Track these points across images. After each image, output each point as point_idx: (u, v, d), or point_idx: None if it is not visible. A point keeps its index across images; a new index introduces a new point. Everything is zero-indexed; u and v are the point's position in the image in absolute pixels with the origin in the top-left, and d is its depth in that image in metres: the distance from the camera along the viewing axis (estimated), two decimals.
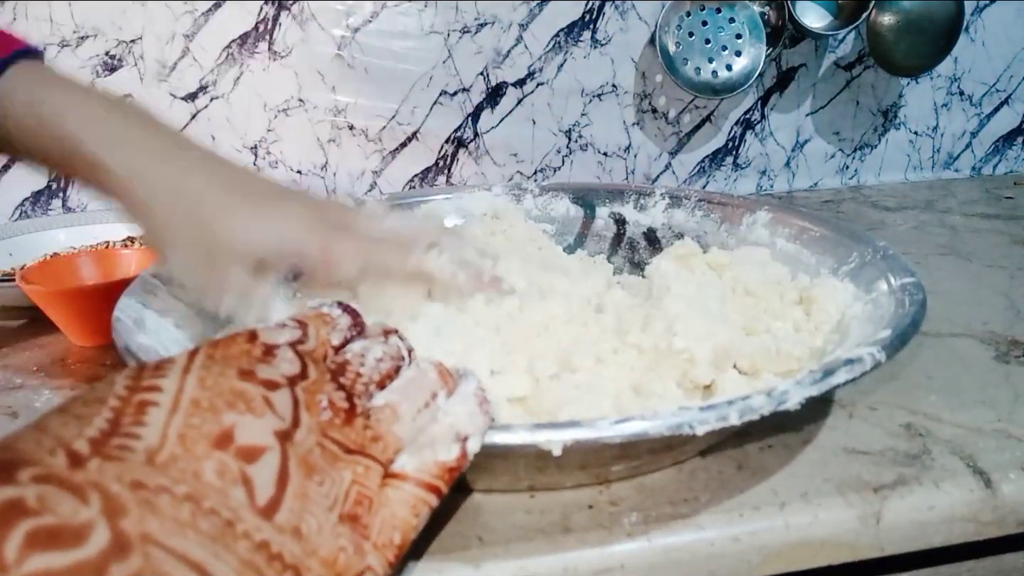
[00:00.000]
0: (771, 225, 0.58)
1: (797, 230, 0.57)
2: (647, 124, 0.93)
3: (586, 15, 0.87)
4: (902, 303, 0.43)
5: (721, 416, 0.32)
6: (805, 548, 0.37)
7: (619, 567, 0.35)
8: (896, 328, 0.39)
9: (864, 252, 0.51)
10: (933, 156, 1.02)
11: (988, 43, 0.97)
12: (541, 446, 0.32)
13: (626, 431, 0.32)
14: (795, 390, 0.34)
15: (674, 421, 0.32)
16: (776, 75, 0.94)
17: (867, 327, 0.43)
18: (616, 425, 0.32)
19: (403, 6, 0.84)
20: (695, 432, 0.32)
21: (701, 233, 0.61)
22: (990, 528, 0.39)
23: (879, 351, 0.37)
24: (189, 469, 0.25)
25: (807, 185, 0.99)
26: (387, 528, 0.29)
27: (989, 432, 0.43)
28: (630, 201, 0.65)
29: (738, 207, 0.61)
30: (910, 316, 0.41)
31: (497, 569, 0.35)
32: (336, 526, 0.27)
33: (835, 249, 0.53)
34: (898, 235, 0.80)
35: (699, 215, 0.62)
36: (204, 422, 0.26)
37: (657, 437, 0.32)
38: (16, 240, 0.72)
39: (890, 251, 0.50)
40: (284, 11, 0.82)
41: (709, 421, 0.32)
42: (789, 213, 0.58)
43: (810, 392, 0.34)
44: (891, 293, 0.45)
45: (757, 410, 0.33)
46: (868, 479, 0.39)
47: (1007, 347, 0.54)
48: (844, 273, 0.51)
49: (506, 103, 0.89)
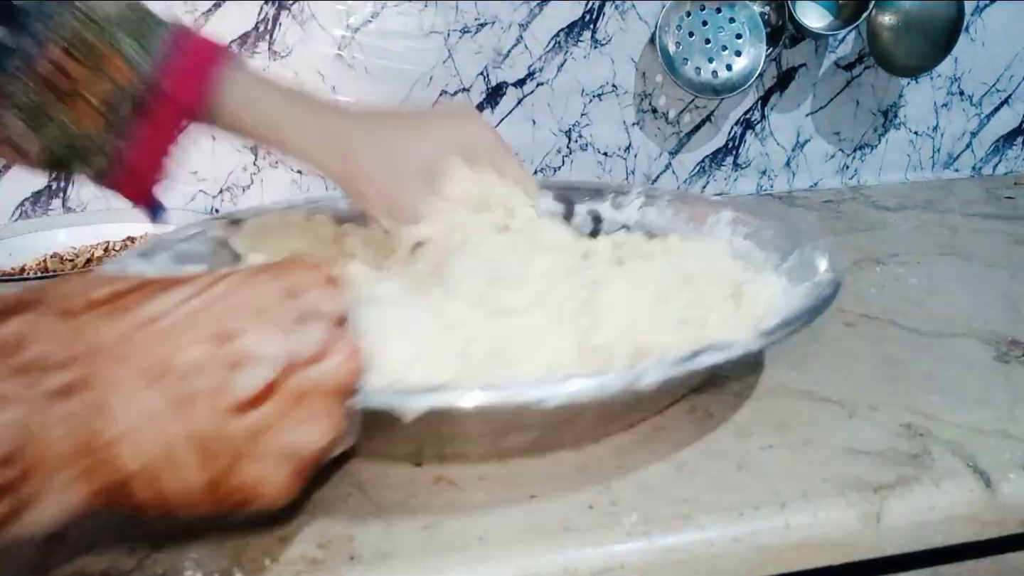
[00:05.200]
0: (732, 224, 0.61)
1: (753, 228, 0.60)
2: (647, 124, 0.93)
3: (586, 15, 0.87)
4: (812, 296, 0.46)
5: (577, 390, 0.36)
6: (805, 548, 0.37)
7: (619, 567, 0.35)
8: (767, 327, 0.42)
9: (804, 249, 0.54)
10: (933, 156, 1.02)
11: (988, 43, 0.97)
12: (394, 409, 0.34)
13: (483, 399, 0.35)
14: (653, 370, 0.37)
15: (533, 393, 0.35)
16: (776, 75, 0.94)
17: (776, 320, 0.45)
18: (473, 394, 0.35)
19: (403, 6, 0.84)
20: (542, 407, 0.35)
21: (670, 230, 0.64)
22: (990, 528, 0.39)
23: (755, 340, 0.40)
24: (177, 343, 0.29)
25: (807, 185, 0.99)
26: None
27: (989, 432, 0.43)
28: (608, 199, 0.68)
29: (705, 206, 0.64)
30: (802, 308, 0.45)
31: (497, 569, 0.35)
32: (282, 462, 0.31)
33: (781, 246, 0.56)
34: (898, 235, 0.80)
35: (670, 213, 0.65)
36: (217, 316, 0.30)
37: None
38: (16, 240, 0.72)
39: (827, 248, 0.53)
40: (284, 11, 0.82)
41: (559, 397, 0.35)
42: (750, 213, 0.62)
43: (668, 373, 0.37)
44: (813, 287, 0.48)
45: (611, 386, 0.36)
46: (868, 479, 0.39)
47: (1007, 347, 0.54)
48: (783, 270, 0.54)
49: (506, 103, 0.89)
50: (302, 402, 0.31)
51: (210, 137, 0.83)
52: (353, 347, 0.33)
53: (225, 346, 0.30)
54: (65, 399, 0.26)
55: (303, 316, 0.32)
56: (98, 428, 0.27)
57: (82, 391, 0.27)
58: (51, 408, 0.26)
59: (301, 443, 0.31)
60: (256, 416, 0.30)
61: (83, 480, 0.27)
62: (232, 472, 0.30)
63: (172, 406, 0.28)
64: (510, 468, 0.41)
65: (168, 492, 0.29)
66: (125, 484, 0.28)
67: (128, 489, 0.28)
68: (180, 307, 0.30)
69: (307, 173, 0.87)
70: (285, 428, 0.31)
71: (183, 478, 0.29)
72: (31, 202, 0.83)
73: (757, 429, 0.44)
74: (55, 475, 0.26)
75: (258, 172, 0.86)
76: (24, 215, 0.82)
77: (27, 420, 0.25)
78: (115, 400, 0.27)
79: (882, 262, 0.71)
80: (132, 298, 0.30)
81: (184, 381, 0.29)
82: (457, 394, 0.36)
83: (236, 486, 0.30)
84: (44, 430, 0.26)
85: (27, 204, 0.82)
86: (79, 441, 0.27)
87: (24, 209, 0.82)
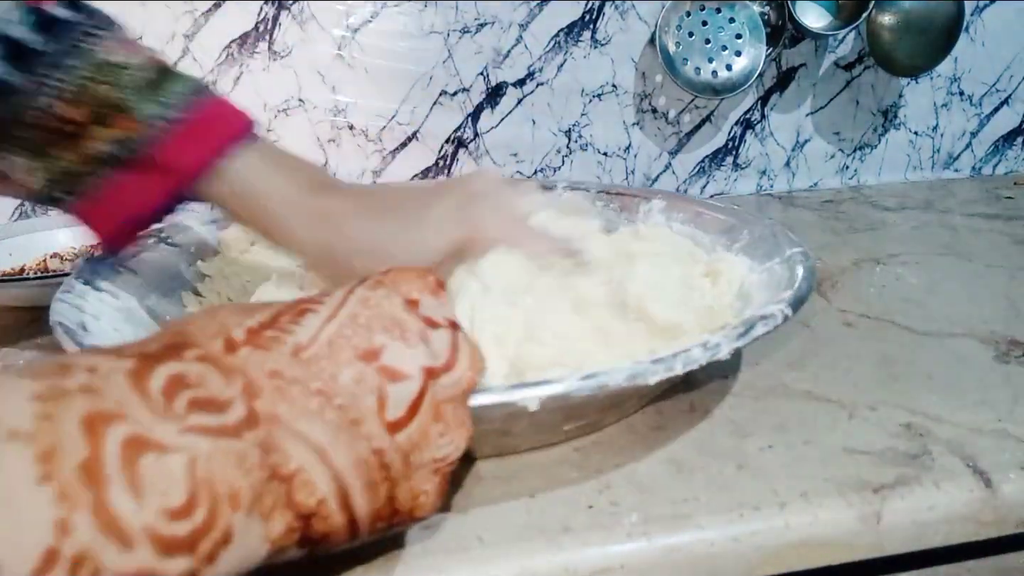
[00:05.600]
0: (666, 211, 0.64)
1: (692, 214, 0.62)
2: (647, 124, 0.93)
3: (586, 15, 0.87)
4: (793, 269, 0.49)
5: (669, 367, 0.37)
6: (805, 548, 0.37)
7: (619, 567, 0.35)
8: (796, 289, 0.46)
9: (753, 229, 0.57)
10: (933, 156, 1.02)
11: (988, 43, 0.97)
12: (518, 404, 0.35)
13: (591, 384, 0.36)
14: (725, 342, 0.39)
15: (630, 372, 0.37)
16: (776, 75, 0.94)
17: (765, 292, 0.49)
18: (584, 380, 0.36)
19: (403, 6, 0.84)
20: (648, 383, 0.37)
21: (604, 221, 0.65)
22: (990, 528, 0.39)
23: (786, 307, 0.43)
24: (328, 370, 0.29)
25: (807, 185, 0.99)
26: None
27: (989, 432, 0.43)
28: None
29: (634, 196, 0.67)
30: (804, 278, 0.47)
31: (497, 569, 0.35)
32: (432, 473, 0.31)
33: (727, 228, 0.59)
34: (898, 235, 0.80)
35: (599, 205, 0.67)
36: (355, 335, 0.30)
37: (616, 389, 0.36)
38: (16, 240, 0.72)
39: (777, 227, 0.56)
40: (284, 11, 0.82)
41: (659, 371, 0.37)
42: (681, 200, 0.65)
43: (737, 344, 0.40)
44: (783, 262, 0.51)
45: (697, 360, 0.38)
46: (868, 479, 0.39)
47: (1007, 347, 0.54)
48: (737, 249, 0.56)
49: (506, 103, 0.89)
50: (441, 412, 0.31)
51: None
52: (473, 352, 0.33)
53: (372, 364, 0.30)
54: (234, 438, 0.26)
55: (427, 326, 0.32)
56: (274, 464, 0.27)
57: (250, 429, 0.26)
58: (219, 449, 0.25)
59: (444, 453, 0.31)
60: (409, 431, 0.30)
61: (272, 518, 0.27)
62: (394, 492, 0.30)
63: (338, 433, 0.28)
64: (510, 468, 0.41)
65: (339, 524, 0.29)
66: (307, 519, 0.28)
67: (309, 524, 0.28)
68: (320, 334, 0.30)
69: None
70: (431, 440, 0.31)
71: (355, 505, 0.29)
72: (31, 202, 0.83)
73: (757, 429, 0.44)
74: (239, 515, 0.25)
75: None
76: (24, 215, 0.83)
77: (195, 464, 0.24)
78: (282, 437, 0.27)
79: (882, 262, 0.71)
80: (274, 330, 0.29)
81: (347, 405, 0.29)
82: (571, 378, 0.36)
83: (396, 506, 0.30)
84: (218, 472, 0.25)
85: (27, 204, 0.82)
86: (258, 480, 0.26)
87: (24, 209, 0.83)
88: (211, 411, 0.26)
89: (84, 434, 0.23)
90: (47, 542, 0.21)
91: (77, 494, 0.21)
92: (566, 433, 0.43)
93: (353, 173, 0.88)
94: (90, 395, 0.24)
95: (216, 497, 0.25)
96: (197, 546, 0.24)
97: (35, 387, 0.23)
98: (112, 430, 0.23)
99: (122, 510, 0.22)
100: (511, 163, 0.91)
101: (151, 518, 0.23)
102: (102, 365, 0.25)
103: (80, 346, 0.41)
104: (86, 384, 0.24)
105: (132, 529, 0.22)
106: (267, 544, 0.27)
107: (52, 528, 0.21)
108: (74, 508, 0.21)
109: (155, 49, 0.46)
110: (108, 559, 0.22)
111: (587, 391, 0.36)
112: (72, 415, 0.23)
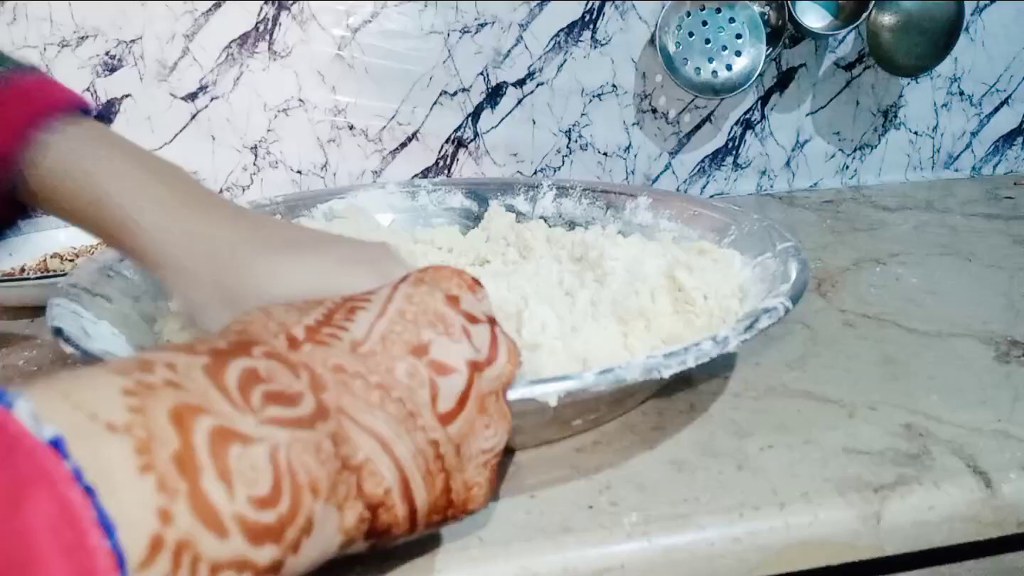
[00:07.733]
0: (653, 208, 0.64)
1: (678, 210, 0.63)
2: (647, 124, 0.93)
3: (586, 15, 0.87)
4: (786, 263, 0.49)
5: (681, 361, 0.38)
6: (805, 548, 0.37)
7: (619, 567, 0.35)
8: (793, 283, 0.46)
9: (741, 225, 0.57)
10: (933, 156, 1.02)
11: (988, 43, 0.97)
12: (538, 399, 0.35)
13: (608, 379, 0.36)
14: (733, 336, 0.40)
15: (645, 366, 0.37)
16: (776, 75, 0.94)
17: (761, 286, 0.49)
18: (600, 375, 0.36)
19: (403, 6, 0.84)
20: (662, 376, 0.37)
21: (590, 219, 0.66)
22: (990, 528, 0.39)
23: (786, 300, 0.44)
24: (384, 364, 0.30)
25: (807, 185, 0.99)
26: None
27: (989, 432, 0.43)
28: (520, 193, 0.70)
29: (620, 194, 0.67)
30: (799, 271, 0.48)
31: (497, 569, 0.35)
32: (482, 466, 0.32)
33: (714, 224, 0.59)
34: (898, 235, 0.80)
35: (585, 203, 0.67)
36: (405, 330, 0.31)
37: (633, 383, 0.36)
38: (16, 240, 0.72)
39: (764, 222, 0.56)
40: (284, 11, 0.82)
41: (672, 365, 0.37)
42: (668, 196, 0.65)
43: (745, 336, 0.40)
44: (774, 256, 0.51)
45: (708, 353, 0.39)
46: (868, 479, 0.39)
47: (1007, 347, 0.54)
48: (727, 244, 0.57)
49: (506, 103, 0.89)
50: (485, 405, 0.32)
51: (210, 137, 0.83)
52: (511, 345, 0.34)
53: (423, 358, 0.30)
54: (310, 429, 0.26)
55: (468, 321, 0.32)
56: (344, 455, 0.27)
57: (322, 421, 0.27)
58: (297, 439, 0.26)
59: (490, 445, 0.32)
60: (459, 423, 0.31)
61: (345, 508, 0.28)
62: (449, 483, 0.31)
63: (398, 425, 0.29)
64: (510, 467, 0.41)
65: (402, 515, 0.30)
66: (375, 509, 0.29)
67: (376, 514, 0.29)
68: (373, 330, 0.30)
69: (306, 173, 0.87)
70: (478, 432, 0.32)
71: (416, 496, 0.30)
72: None
73: (757, 429, 0.44)
74: (319, 504, 0.26)
75: (258, 172, 0.86)
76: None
77: (277, 454, 0.25)
78: (350, 428, 0.28)
79: (882, 262, 0.71)
80: (331, 327, 0.30)
81: (404, 397, 0.29)
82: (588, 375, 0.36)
83: (451, 497, 0.31)
84: (297, 462, 0.25)
85: None
86: (333, 469, 0.27)
87: None
88: (284, 404, 0.26)
89: (174, 426, 0.23)
90: (154, 529, 0.21)
91: (175, 483, 0.22)
92: (573, 428, 0.43)
93: (353, 173, 0.88)
94: (174, 389, 0.24)
95: (298, 486, 0.25)
96: (283, 535, 0.24)
97: (123, 382, 0.24)
98: (199, 422, 0.24)
99: (215, 499, 0.23)
100: (511, 163, 0.91)
101: (241, 507, 0.23)
102: (179, 361, 0.26)
103: (85, 351, 0.40)
104: (169, 379, 0.25)
105: (225, 518, 0.23)
106: (340, 535, 0.28)
107: (157, 516, 0.21)
108: (173, 497, 0.22)
109: None
110: (205, 547, 0.22)
111: (604, 386, 0.36)
112: (161, 408, 0.23)
